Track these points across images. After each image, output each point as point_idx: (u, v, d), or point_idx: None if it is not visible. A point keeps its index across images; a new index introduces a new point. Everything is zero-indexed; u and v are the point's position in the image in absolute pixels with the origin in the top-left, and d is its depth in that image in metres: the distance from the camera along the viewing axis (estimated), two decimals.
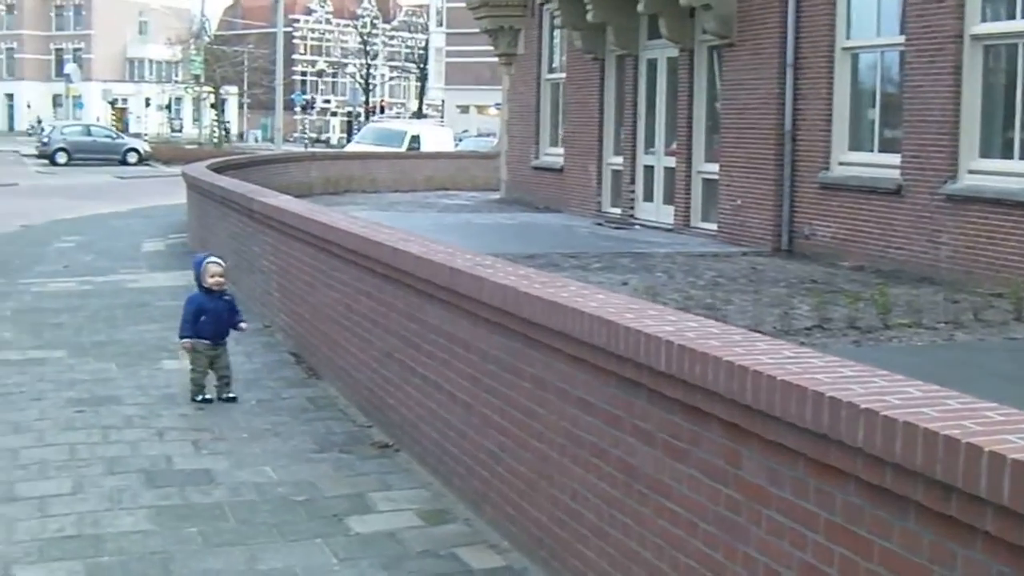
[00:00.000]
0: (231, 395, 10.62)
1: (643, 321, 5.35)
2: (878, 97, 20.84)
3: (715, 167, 23.85)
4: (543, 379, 6.38)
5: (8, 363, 12.35)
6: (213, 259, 11.03)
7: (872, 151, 20.65)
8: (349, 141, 68.53)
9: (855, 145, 20.97)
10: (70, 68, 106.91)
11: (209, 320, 10.69)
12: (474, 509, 7.54)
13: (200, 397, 10.57)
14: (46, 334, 14.05)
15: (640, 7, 24.35)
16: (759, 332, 12.88)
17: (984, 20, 18.28)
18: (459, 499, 7.80)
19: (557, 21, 29.94)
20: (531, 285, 6.48)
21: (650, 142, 26.73)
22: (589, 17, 26.64)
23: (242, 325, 11.06)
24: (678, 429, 5.12)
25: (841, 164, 20.94)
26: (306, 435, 9.53)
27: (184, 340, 10.83)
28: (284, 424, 9.85)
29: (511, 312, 6.53)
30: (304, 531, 7.37)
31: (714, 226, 23.82)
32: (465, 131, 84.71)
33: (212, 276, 10.80)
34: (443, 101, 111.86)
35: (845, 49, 20.88)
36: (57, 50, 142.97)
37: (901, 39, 19.58)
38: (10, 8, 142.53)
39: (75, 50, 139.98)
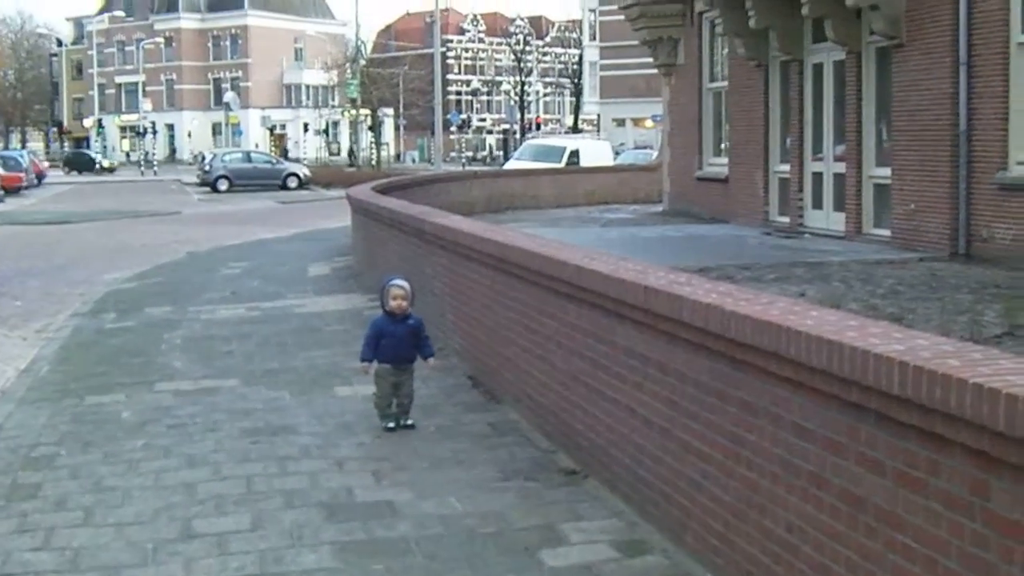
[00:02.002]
0: (409, 422, 10.34)
1: (869, 340, 4.93)
2: None
3: (887, 171, 23.21)
4: (752, 403, 5.98)
5: (181, 393, 12.23)
6: (397, 282, 10.72)
7: None
8: (506, 159, 68.46)
9: None
10: (229, 96, 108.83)
11: (389, 344, 10.41)
12: (673, 539, 7.15)
13: (385, 425, 10.29)
14: (217, 362, 13.92)
15: (805, 10, 23.81)
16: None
17: None
18: (656, 529, 7.41)
19: (718, 28, 29.52)
20: (736, 303, 6.07)
21: (818, 148, 26.13)
22: (751, 23, 26.15)
23: (431, 361, 10.75)
24: (914, 457, 4.69)
25: (1020, 164, 20.21)
26: (489, 462, 9.20)
27: (363, 363, 10.59)
28: (465, 451, 9.54)
29: (715, 333, 6.13)
30: (496, 565, 7.04)
31: (887, 232, 23.17)
32: (622, 144, 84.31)
33: (394, 299, 10.51)
34: (598, 115, 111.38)
35: (1021, 44, 20.16)
36: (215, 80, 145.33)
37: None
38: (168, 40, 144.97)
39: (233, 79, 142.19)
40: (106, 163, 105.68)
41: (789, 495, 5.69)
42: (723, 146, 31.33)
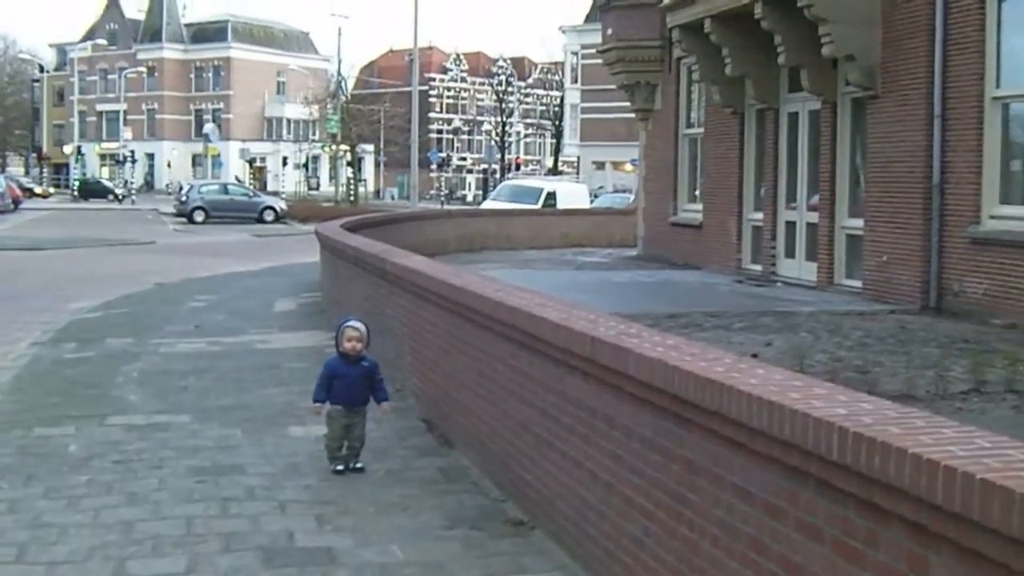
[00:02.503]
0: (358, 465, 10.12)
1: (810, 402, 4.75)
2: None
3: (859, 222, 23.11)
4: (695, 462, 5.80)
5: (131, 428, 12.03)
6: (351, 323, 10.52)
7: None
8: (485, 198, 68.39)
9: (1007, 198, 20.16)
10: (208, 128, 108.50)
11: (342, 386, 10.21)
12: None
13: (333, 468, 10.09)
14: (172, 397, 13.70)
15: (781, 59, 23.75)
16: (913, 396, 12.37)
17: None
18: None
19: (695, 75, 29.49)
20: (681, 358, 5.89)
21: (791, 197, 26.05)
22: (728, 71, 26.09)
23: (385, 405, 10.56)
24: (852, 526, 4.50)
25: (992, 218, 20.13)
26: (436, 509, 9.00)
27: (315, 404, 10.40)
28: (413, 497, 9.33)
29: (660, 388, 5.95)
30: None
31: (859, 283, 23.06)
32: (601, 187, 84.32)
33: (348, 340, 10.31)
34: (578, 157, 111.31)
35: (995, 99, 20.10)
36: (197, 111, 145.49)
37: None
38: (151, 71, 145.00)
39: (214, 110, 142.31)
40: (120, 191, 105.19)
41: (729, 559, 5.51)
42: (697, 192, 31.25)
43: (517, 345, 8.61)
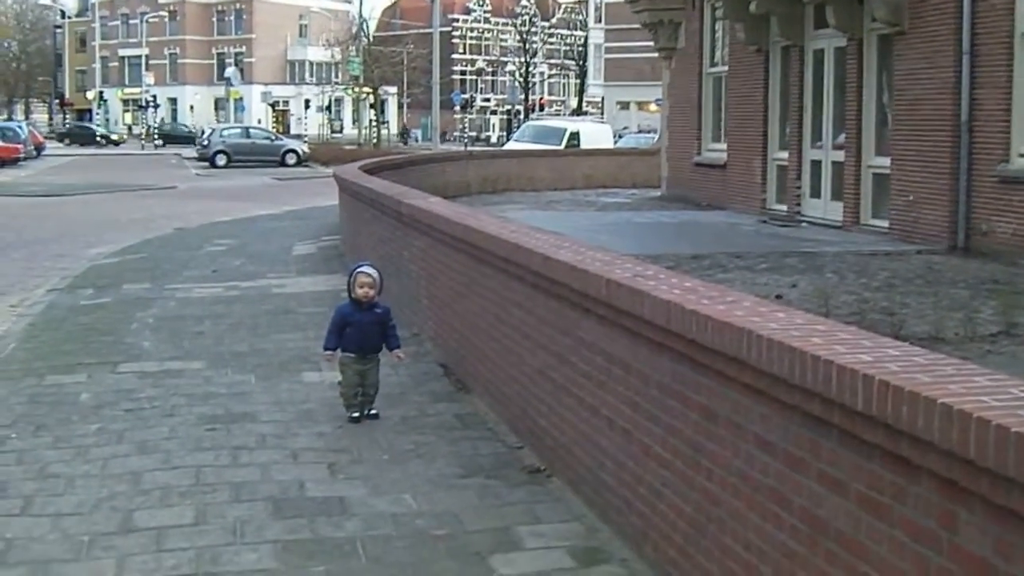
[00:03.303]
0: (372, 412, 9.90)
1: (833, 348, 4.50)
2: None
3: (886, 161, 22.79)
4: (713, 410, 5.55)
5: (144, 375, 11.84)
6: (364, 269, 10.25)
7: None
8: (509, 139, 68.05)
9: None
10: (230, 71, 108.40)
11: (355, 333, 9.95)
12: (633, 549, 6.73)
13: (350, 415, 9.86)
14: (186, 343, 13.51)
15: None
16: (941, 339, 12.12)
17: None
18: (616, 535, 6.99)
19: (719, 13, 29.12)
20: (699, 301, 5.63)
21: (817, 136, 25.71)
22: (752, 7, 25.71)
23: (399, 353, 10.26)
24: (878, 480, 4.25)
25: (1022, 156, 19.80)
26: (451, 457, 8.79)
27: (326, 352, 10.17)
28: (428, 444, 9.12)
29: (676, 332, 5.69)
30: (442, 572, 6.63)
31: (885, 223, 22.75)
32: (625, 128, 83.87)
33: (361, 287, 10.04)
34: (603, 98, 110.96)
35: None
36: (219, 54, 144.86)
37: None
38: (172, 15, 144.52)
39: (236, 54, 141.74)
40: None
41: (749, 511, 5.27)
42: (722, 132, 30.88)
43: (532, 288, 8.38)
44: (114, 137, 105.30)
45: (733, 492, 5.42)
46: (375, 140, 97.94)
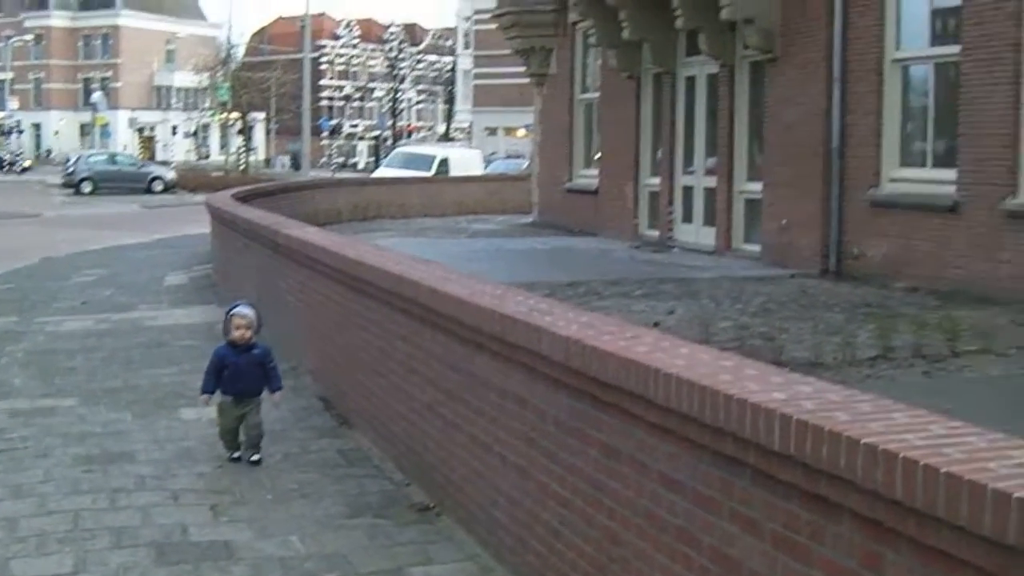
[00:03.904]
0: (254, 458, 9.47)
1: (745, 385, 4.39)
2: (930, 110, 19.84)
3: (758, 186, 22.94)
4: (616, 448, 5.42)
5: (15, 413, 11.47)
6: (239, 310, 9.86)
7: (925, 167, 19.73)
8: (377, 166, 67.83)
9: (907, 161, 20.06)
10: (96, 97, 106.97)
11: (232, 376, 9.60)
12: None
13: (230, 455, 9.58)
14: (58, 380, 13.15)
15: (679, 23, 23.47)
16: (821, 364, 12.14)
17: None
18: (511, 575, 6.84)
19: (591, 40, 29.15)
20: (598, 336, 5.51)
21: (689, 162, 25.84)
22: (625, 34, 25.77)
23: (277, 395, 9.86)
24: (795, 520, 4.15)
25: (892, 181, 20.03)
26: (337, 496, 8.59)
27: (203, 395, 9.86)
28: (313, 483, 8.91)
29: (576, 369, 5.57)
30: None
31: (758, 248, 22.89)
32: (494, 153, 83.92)
33: (236, 329, 9.67)
34: (471, 123, 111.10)
35: (895, 61, 19.98)
36: (85, 80, 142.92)
37: (955, 49, 18.65)
38: (38, 39, 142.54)
39: (103, 79, 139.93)
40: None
41: (656, 551, 5.15)
42: (593, 158, 30.92)
43: (419, 321, 8.21)
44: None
45: (638, 532, 5.30)
46: (243, 167, 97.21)
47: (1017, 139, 17.43)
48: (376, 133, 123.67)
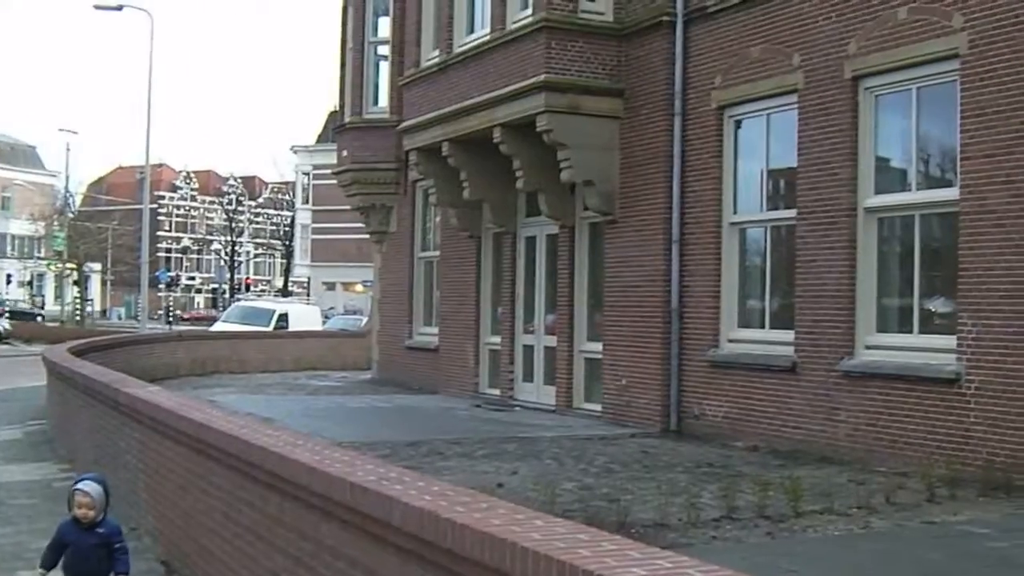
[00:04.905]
0: None
1: (603, 560, 4.41)
2: (768, 272, 20.29)
3: (598, 346, 23.17)
4: None
5: None
6: (82, 486, 9.09)
7: (763, 327, 20.14)
8: (216, 320, 67.44)
9: (745, 321, 20.48)
10: None
11: (73, 555, 8.94)
12: None
13: None
14: None
15: (519, 184, 23.79)
16: (666, 525, 12.20)
17: (878, 192, 17.90)
18: None
19: (432, 199, 29.37)
20: (452, 508, 5.50)
21: (529, 321, 26.03)
22: (465, 195, 26.05)
23: None
24: None
25: (731, 341, 20.40)
26: None
27: (38, 570, 9.32)
28: None
29: (430, 541, 5.54)
30: None
31: (598, 407, 23.08)
32: (332, 308, 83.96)
33: (79, 507, 8.95)
34: (309, 278, 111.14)
35: (733, 224, 20.44)
36: None
37: (791, 213, 19.16)
38: None
39: None
40: None
41: None
42: (434, 316, 31.03)
43: (266, 487, 8.12)
44: None
45: None
46: (78, 318, 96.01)
47: (853, 301, 17.87)
48: (214, 286, 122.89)
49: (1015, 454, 15.20)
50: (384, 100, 32.25)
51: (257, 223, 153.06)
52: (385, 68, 32.37)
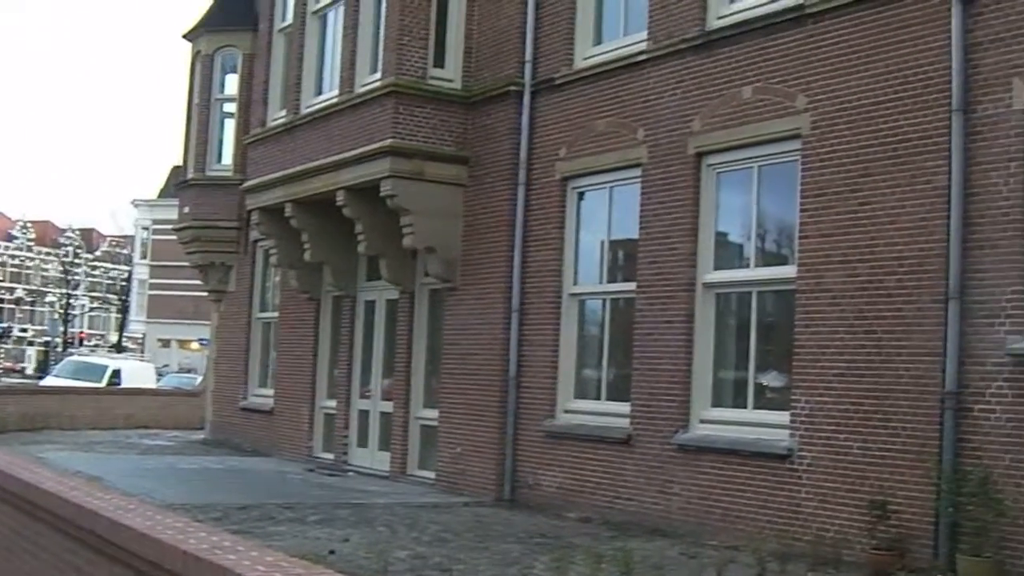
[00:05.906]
0: None
1: None
2: (606, 344, 20.39)
3: (435, 413, 23.12)
4: None
5: None
6: None
7: (600, 399, 20.23)
8: (45, 374, 66.30)
9: (581, 392, 20.56)
10: None
11: None
12: None
13: None
14: None
15: (361, 248, 23.73)
16: None
17: (717, 268, 18.11)
18: None
19: (272, 259, 29.16)
20: None
21: (366, 385, 25.92)
22: (307, 256, 25.95)
23: None
24: None
25: (567, 412, 20.49)
26: None
27: None
28: None
29: None
30: None
31: (432, 474, 23.00)
32: (166, 366, 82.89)
33: None
34: (144, 334, 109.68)
35: (573, 295, 20.56)
36: None
37: (631, 285, 19.32)
38: None
39: None
40: None
41: None
42: (269, 377, 30.76)
43: (96, 552, 7.95)
44: None
45: None
46: None
47: (689, 375, 18.04)
48: (47, 339, 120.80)
49: (844, 530, 15.38)
50: (228, 158, 31.96)
51: (94, 276, 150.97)
52: (231, 125, 32.14)
